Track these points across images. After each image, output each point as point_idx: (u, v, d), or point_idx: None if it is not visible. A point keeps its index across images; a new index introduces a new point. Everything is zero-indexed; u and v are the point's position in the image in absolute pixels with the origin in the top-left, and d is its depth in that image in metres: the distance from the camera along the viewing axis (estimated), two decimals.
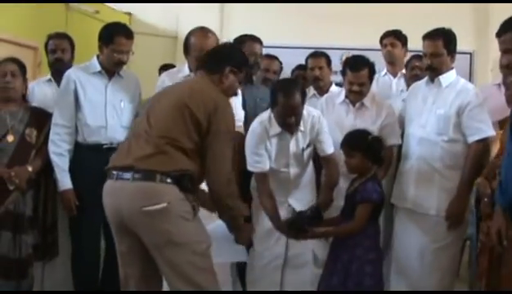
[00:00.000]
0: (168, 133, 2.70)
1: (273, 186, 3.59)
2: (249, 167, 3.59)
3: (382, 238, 3.48)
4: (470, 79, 6.12)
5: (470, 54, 6.23)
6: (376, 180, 3.27)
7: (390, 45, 4.62)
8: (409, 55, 4.59)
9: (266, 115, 3.61)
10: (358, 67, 3.73)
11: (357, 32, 4.94)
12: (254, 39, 4.21)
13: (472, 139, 3.49)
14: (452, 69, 3.66)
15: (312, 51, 4.54)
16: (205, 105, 2.75)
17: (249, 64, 4.06)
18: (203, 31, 3.68)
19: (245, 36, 4.25)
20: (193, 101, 2.74)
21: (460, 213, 3.50)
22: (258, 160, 3.55)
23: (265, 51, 4.70)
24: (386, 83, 4.54)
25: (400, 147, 3.77)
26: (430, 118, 3.60)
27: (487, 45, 5.90)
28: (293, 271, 3.65)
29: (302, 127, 3.57)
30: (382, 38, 4.68)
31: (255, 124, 3.60)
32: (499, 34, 3.13)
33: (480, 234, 3.26)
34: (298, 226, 3.21)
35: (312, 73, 4.34)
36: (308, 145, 3.62)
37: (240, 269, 3.89)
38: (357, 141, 3.27)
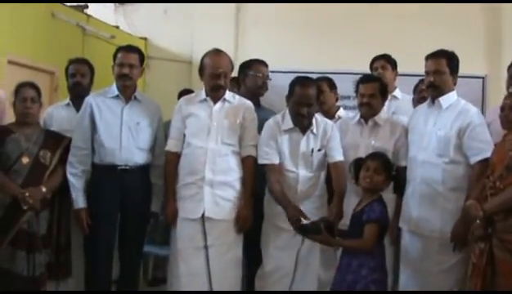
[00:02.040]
0: None
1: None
2: (260, 160, 3.70)
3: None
4: (483, 104, 6.05)
5: (483, 78, 6.16)
6: (382, 202, 3.30)
7: (381, 68, 4.64)
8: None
9: (280, 113, 3.79)
10: (368, 79, 3.89)
11: (370, 57, 4.96)
12: (261, 62, 4.35)
13: (474, 159, 3.46)
14: (453, 90, 3.66)
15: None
16: None
17: (257, 85, 4.18)
18: (217, 51, 3.79)
19: (252, 60, 4.40)
20: None
21: (465, 235, 3.41)
22: (268, 152, 3.67)
23: (277, 76, 4.77)
24: None
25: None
26: (431, 140, 3.59)
27: (499, 69, 5.83)
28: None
29: (314, 129, 3.69)
30: (372, 62, 4.71)
31: (269, 120, 3.77)
32: None
33: (472, 256, 3.24)
34: (310, 232, 3.29)
35: None
36: (319, 150, 3.69)
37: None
38: (388, 163, 3.37)
